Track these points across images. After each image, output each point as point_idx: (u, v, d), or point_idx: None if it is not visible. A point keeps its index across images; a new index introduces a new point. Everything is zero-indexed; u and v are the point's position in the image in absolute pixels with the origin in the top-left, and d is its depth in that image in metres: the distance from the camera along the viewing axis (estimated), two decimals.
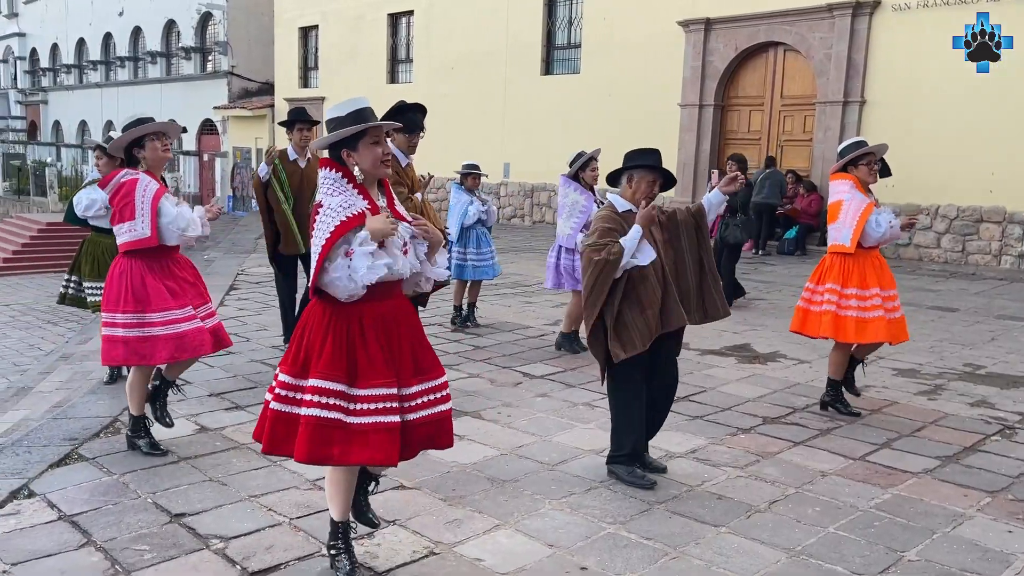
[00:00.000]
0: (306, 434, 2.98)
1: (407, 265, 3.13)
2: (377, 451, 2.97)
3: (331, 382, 2.99)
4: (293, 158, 6.60)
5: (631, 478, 4.15)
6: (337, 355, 3.01)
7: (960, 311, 9.19)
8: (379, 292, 3.06)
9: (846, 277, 5.16)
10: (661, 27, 16.02)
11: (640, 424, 4.17)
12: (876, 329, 5.09)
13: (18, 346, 8.99)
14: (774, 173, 14.16)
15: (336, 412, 2.98)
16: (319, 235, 2.98)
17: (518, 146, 18.68)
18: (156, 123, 4.35)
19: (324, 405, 2.98)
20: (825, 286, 5.22)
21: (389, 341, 3.08)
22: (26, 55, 39.91)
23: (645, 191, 4.11)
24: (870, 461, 4.55)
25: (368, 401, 2.99)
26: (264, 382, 5.89)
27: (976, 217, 12.72)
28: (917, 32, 12.97)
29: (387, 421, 2.99)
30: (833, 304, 5.16)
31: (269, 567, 3.30)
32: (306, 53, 25.02)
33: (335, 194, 3.04)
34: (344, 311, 3.04)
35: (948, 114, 12.61)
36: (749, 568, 3.34)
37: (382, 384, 3.01)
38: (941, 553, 3.49)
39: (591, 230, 4.17)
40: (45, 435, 4.74)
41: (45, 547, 3.43)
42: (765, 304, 9.42)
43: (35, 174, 25.54)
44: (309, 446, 2.97)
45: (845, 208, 5.15)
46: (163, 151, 4.36)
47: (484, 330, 7.82)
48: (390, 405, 3.01)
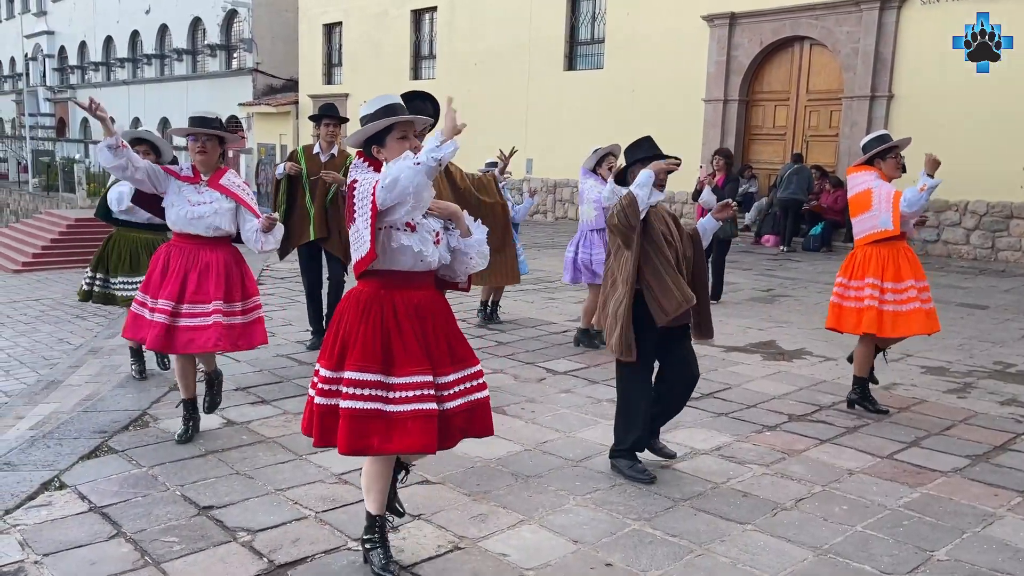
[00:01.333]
0: (345, 426, 3.00)
1: (437, 254, 3.14)
2: (417, 438, 2.98)
3: (367, 373, 3.01)
4: (316, 152, 6.63)
5: (632, 472, 4.17)
6: (371, 345, 3.03)
7: (990, 308, 9.06)
8: (413, 282, 3.09)
9: (883, 270, 5.11)
10: (685, 22, 15.92)
11: (643, 421, 4.19)
12: (914, 321, 5.05)
13: (48, 340, 9.12)
14: (801, 169, 14.03)
15: (374, 403, 3.00)
16: (361, 204, 2.95)
17: (541, 142, 18.64)
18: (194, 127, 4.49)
19: (361, 397, 3.00)
20: (865, 280, 5.15)
21: (424, 330, 3.10)
22: (55, 53, 40.43)
23: None
24: (898, 459, 4.50)
25: (405, 389, 3.01)
26: (289, 376, 5.94)
27: (1006, 213, 12.53)
28: (946, 25, 12.76)
29: (425, 408, 3.00)
30: (875, 299, 5.08)
31: (295, 560, 3.32)
32: (330, 50, 25.15)
33: (367, 174, 3.08)
34: (378, 301, 3.07)
35: (977, 108, 12.42)
36: (776, 566, 3.32)
37: (418, 371, 3.02)
38: (971, 553, 3.45)
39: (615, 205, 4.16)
40: (75, 428, 4.81)
41: (76, 538, 3.47)
42: (791, 301, 9.34)
43: (64, 171, 25.86)
44: (349, 437, 3.00)
45: (876, 195, 5.10)
46: (197, 151, 4.50)
47: (507, 326, 7.83)
48: (427, 392, 3.02)
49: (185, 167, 4.59)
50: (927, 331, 5.15)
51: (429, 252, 3.10)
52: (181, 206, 4.47)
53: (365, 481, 3.23)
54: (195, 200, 4.48)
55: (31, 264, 17.01)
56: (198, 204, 4.48)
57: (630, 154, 4.27)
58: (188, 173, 4.54)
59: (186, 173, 4.54)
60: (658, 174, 4.05)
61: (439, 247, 3.15)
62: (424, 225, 3.11)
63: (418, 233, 3.08)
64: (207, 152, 4.49)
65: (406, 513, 3.51)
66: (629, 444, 4.21)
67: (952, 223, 12.99)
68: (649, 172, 4.04)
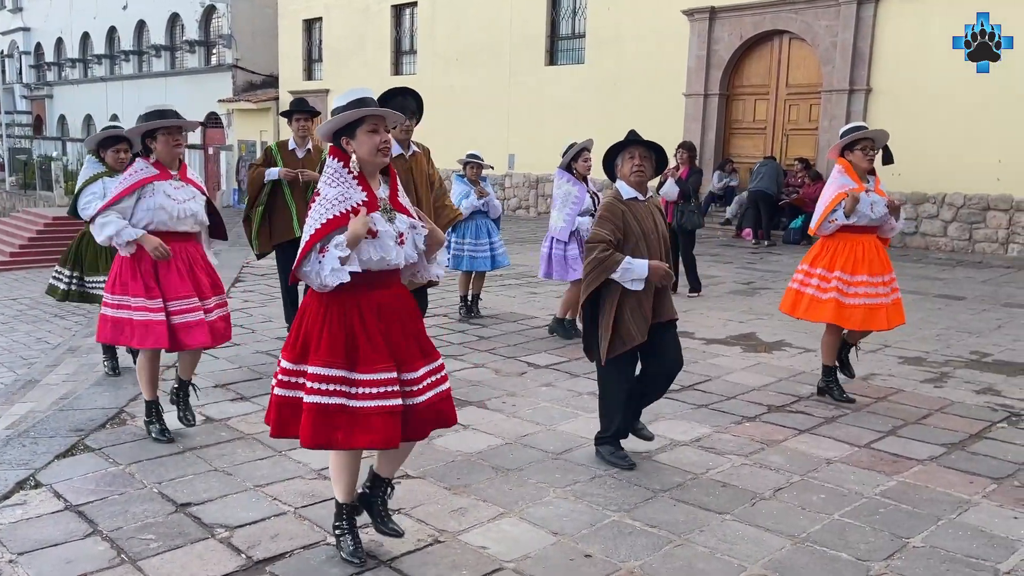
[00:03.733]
0: (309, 420, 3.02)
1: (402, 255, 3.14)
2: (379, 434, 3.00)
3: (332, 369, 3.02)
4: (292, 148, 6.65)
5: (613, 458, 4.25)
6: (336, 342, 3.04)
7: (967, 299, 9.15)
8: (377, 281, 3.10)
9: (828, 260, 5.21)
10: (666, 16, 15.94)
11: (624, 407, 4.24)
12: (850, 315, 5.12)
13: (25, 340, 9.03)
14: (770, 163, 14.22)
15: (338, 397, 3.02)
16: (309, 226, 3.05)
17: (523, 137, 18.64)
18: (169, 119, 4.36)
19: (326, 392, 3.01)
20: (815, 269, 5.29)
21: (390, 328, 3.11)
22: (31, 50, 39.94)
23: (628, 168, 4.18)
24: (875, 449, 4.54)
25: (370, 385, 3.03)
26: (269, 373, 5.90)
27: (983, 205, 12.65)
28: (923, 20, 12.88)
29: (389, 405, 3.03)
30: (796, 282, 5.35)
31: (274, 555, 3.31)
32: (310, 45, 24.98)
33: (334, 185, 3.08)
34: (341, 299, 3.07)
35: (954, 102, 12.53)
36: (754, 555, 3.34)
37: (383, 369, 3.04)
38: (946, 539, 3.48)
39: (596, 218, 4.23)
40: (51, 426, 4.76)
41: (51, 536, 3.44)
42: (771, 293, 9.39)
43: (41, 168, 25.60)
44: (313, 431, 3.01)
45: (824, 193, 5.26)
46: (174, 145, 4.39)
47: (488, 320, 7.82)
48: (392, 389, 3.04)
49: (142, 166, 4.39)
50: (874, 328, 5.21)
51: (392, 256, 3.10)
52: (168, 204, 4.34)
53: (333, 472, 3.26)
54: (180, 197, 4.40)
55: (8, 263, 16.81)
56: (185, 201, 4.42)
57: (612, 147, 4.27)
58: (152, 171, 4.36)
59: (149, 172, 4.36)
60: (655, 274, 4.06)
61: (404, 247, 3.14)
62: (386, 232, 3.09)
63: (380, 240, 3.07)
64: (182, 145, 4.44)
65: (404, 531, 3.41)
66: (613, 432, 4.28)
67: (930, 215, 13.11)
68: (647, 270, 4.03)
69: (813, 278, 5.26)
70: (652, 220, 4.19)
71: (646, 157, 4.19)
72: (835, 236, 5.20)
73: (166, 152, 4.39)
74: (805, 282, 5.31)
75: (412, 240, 3.19)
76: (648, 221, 4.17)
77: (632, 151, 4.19)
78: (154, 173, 4.36)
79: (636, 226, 4.11)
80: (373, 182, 3.15)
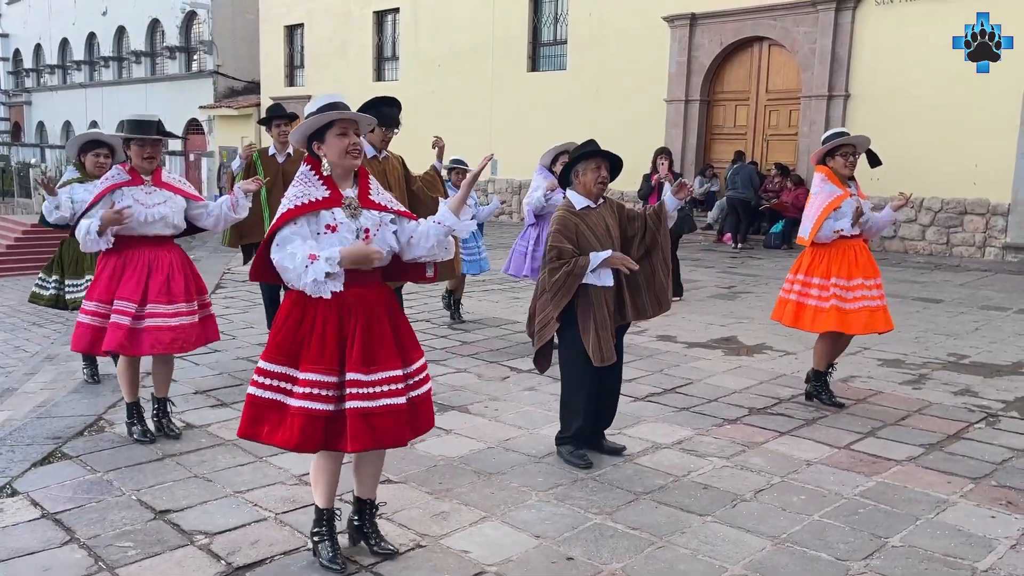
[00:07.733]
0: (245, 411, 3.10)
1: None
2: (291, 435, 3.00)
3: (274, 364, 3.07)
4: (272, 153, 6.67)
5: (570, 458, 4.31)
6: (285, 338, 3.07)
7: (945, 302, 9.25)
8: (351, 280, 3.08)
9: (823, 268, 5.20)
10: (647, 23, 16.04)
11: (585, 410, 4.29)
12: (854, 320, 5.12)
13: (3, 348, 8.92)
14: (743, 167, 14.27)
15: (275, 393, 3.05)
16: (272, 222, 3.09)
17: (505, 143, 18.64)
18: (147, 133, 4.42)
19: (264, 386, 3.07)
20: (812, 279, 5.26)
21: (359, 327, 3.06)
22: (9, 56, 39.59)
23: (592, 178, 4.23)
24: (855, 450, 4.57)
25: (304, 385, 3.03)
26: (248, 379, 5.86)
27: (960, 209, 12.80)
28: (900, 26, 13.04)
29: (313, 408, 3.01)
30: (795, 293, 5.29)
31: (254, 562, 3.28)
32: (292, 51, 24.92)
33: (297, 184, 3.12)
34: (302, 299, 3.07)
35: (931, 107, 12.68)
36: (734, 555, 3.35)
37: (322, 371, 3.02)
38: (924, 539, 3.51)
39: (552, 232, 4.23)
40: (28, 434, 4.71)
41: (28, 545, 3.40)
42: (752, 297, 9.45)
43: (19, 175, 25.32)
44: (245, 421, 3.11)
45: (811, 201, 5.23)
46: (145, 158, 4.45)
47: (471, 325, 7.82)
48: (323, 393, 3.02)
49: (115, 172, 4.49)
50: (873, 330, 5.23)
51: None
52: (135, 208, 4.39)
53: (312, 476, 3.26)
54: (149, 202, 4.43)
55: None
56: (154, 205, 4.44)
57: (573, 155, 4.35)
58: (123, 177, 4.44)
59: (120, 178, 4.44)
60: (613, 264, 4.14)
61: (372, 243, 3.10)
62: (345, 226, 3.07)
63: (338, 234, 3.06)
64: (155, 158, 4.47)
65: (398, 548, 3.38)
66: (572, 432, 4.35)
67: (908, 219, 13.23)
68: (605, 260, 4.11)
69: (812, 288, 5.20)
70: (604, 225, 4.26)
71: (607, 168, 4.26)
72: (826, 243, 5.20)
73: (138, 162, 4.48)
74: (804, 292, 5.23)
75: (383, 236, 3.18)
76: (600, 227, 4.25)
77: (598, 162, 4.24)
78: (125, 179, 4.44)
79: (589, 234, 4.20)
80: (342, 184, 3.15)
